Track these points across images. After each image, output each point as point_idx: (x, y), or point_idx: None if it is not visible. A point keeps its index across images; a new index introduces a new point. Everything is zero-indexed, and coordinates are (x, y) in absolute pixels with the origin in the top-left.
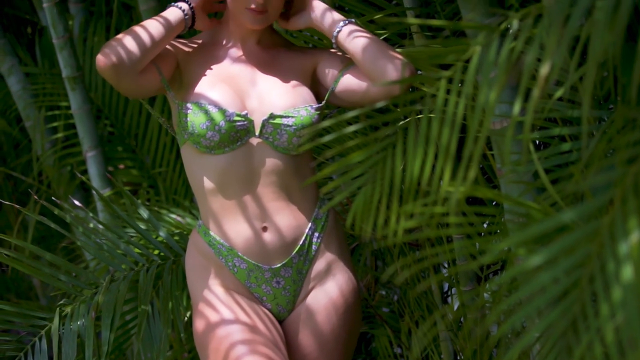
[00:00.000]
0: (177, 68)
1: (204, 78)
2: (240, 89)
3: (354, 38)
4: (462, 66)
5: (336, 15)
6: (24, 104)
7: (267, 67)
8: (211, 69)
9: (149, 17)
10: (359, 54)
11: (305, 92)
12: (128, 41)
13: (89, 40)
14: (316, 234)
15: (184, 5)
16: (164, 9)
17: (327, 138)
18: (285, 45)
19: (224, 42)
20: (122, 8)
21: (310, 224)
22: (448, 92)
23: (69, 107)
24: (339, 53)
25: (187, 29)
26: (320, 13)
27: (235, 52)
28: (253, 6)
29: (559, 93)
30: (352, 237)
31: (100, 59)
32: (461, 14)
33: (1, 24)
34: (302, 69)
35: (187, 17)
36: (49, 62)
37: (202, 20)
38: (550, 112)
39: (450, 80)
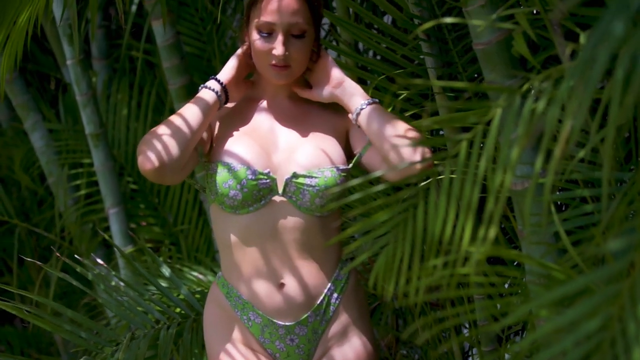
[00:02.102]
0: (211, 133)
1: (230, 136)
2: (267, 144)
3: (373, 123)
4: (483, 128)
5: (358, 92)
6: (47, 160)
7: (296, 123)
8: (239, 125)
9: (172, 75)
10: (378, 141)
11: (334, 151)
12: (168, 139)
13: (112, 97)
14: (335, 295)
15: (215, 85)
16: (187, 67)
17: (351, 198)
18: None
19: (255, 98)
20: (146, 65)
21: (329, 285)
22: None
23: (91, 164)
24: None
25: (222, 106)
26: (342, 89)
27: (265, 107)
28: (274, 62)
29: (580, 155)
30: (373, 297)
31: (144, 163)
32: (483, 74)
33: (25, 80)
34: (335, 127)
35: (220, 96)
36: (72, 118)
37: (235, 92)
38: (572, 173)
39: (471, 143)
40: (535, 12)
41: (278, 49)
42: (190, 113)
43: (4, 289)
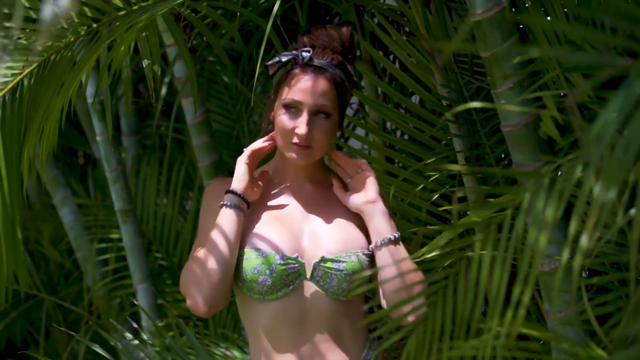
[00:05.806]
0: None
1: (256, 221)
2: (293, 229)
3: (385, 263)
4: (511, 212)
5: (384, 220)
6: (75, 235)
7: (319, 207)
8: (264, 210)
9: (202, 152)
10: (386, 286)
11: (357, 236)
12: (209, 275)
13: (141, 173)
14: None
15: (234, 200)
16: (216, 144)
17: (378, 283)
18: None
19: (277, 182)
20: (175, 142)
21: None
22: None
23: (120, 239)
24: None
25: (246, 214)
26: (371, 209)
27: (288, 192)
28: (296, 140)
29: (607, 236)
30: None
31: (195, 308)
32: (511, 156)
33: (54, 155)
34: (355, 214)
35: (242, 208)
36: (101, 193)
37: (253, 193)
38: (605, 256)
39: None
40: (562, 94)
41: (301, 128)
42: (221, 240)
43: (34, 357)
